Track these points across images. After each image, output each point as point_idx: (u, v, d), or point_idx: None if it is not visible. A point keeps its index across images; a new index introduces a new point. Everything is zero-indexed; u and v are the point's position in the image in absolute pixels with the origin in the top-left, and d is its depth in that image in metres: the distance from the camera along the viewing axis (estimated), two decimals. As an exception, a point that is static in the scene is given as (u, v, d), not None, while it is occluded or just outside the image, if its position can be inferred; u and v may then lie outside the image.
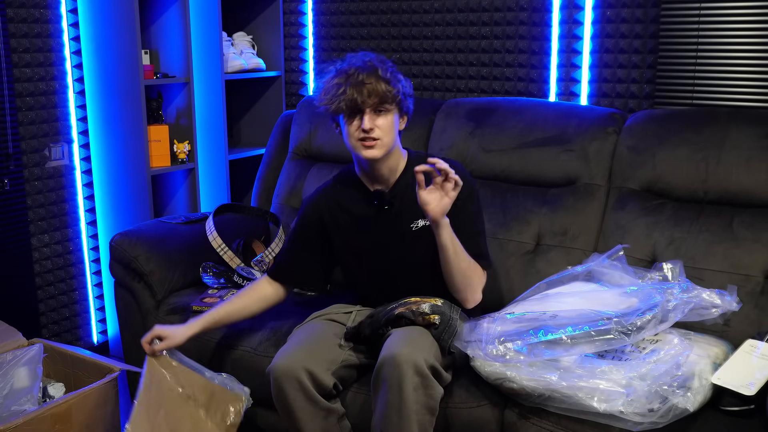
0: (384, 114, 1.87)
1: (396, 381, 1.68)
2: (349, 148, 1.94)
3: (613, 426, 1.60)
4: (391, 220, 1.98)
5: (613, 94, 2.59)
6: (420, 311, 1.83)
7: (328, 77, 1.91)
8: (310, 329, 1.99)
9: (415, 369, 1.68)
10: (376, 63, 1.89)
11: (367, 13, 3.04)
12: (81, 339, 3.13)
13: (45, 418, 1.89)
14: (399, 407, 1.68)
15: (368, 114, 1.86)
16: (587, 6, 2.58)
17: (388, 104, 1.87)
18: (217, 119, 3.07)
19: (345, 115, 1.89)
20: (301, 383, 1.78)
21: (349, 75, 1.86)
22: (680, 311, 1.70)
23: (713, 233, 2.06)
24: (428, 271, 1.95)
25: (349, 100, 1.84)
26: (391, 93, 1.86)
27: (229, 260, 2.46)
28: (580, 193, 2.30)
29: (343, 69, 1.89)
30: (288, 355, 1.84)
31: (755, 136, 2.09)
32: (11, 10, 2.71)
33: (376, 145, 1.88)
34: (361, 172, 2.02)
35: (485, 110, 2.52)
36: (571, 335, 1.66)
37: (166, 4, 2.86)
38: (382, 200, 1.97)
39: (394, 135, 1.92)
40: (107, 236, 2.97)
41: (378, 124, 1.86)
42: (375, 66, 1.88)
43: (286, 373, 1.79)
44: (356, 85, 1.84)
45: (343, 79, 1.86)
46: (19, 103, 2.77)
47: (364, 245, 2.03)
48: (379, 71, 1.87)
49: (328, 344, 1.91)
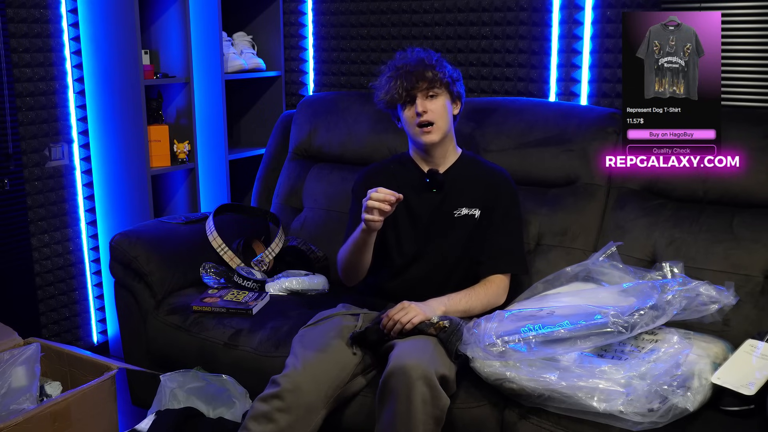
0: (435, 98, 2.05)
1: (405, 393, 1.67)
2: (409, 137, 2.14)
3: (613, 426, 1.60)
4: (437, 202, 2.10)
5: (613, 94, 2.59)
6: (430, 321, 1.83)
7: (382, 76, 2.13)
8: (323, 342, 1.90)
9: (425, 380, 1.67)
10: (421, 54, 2.10)
11: (367, 13, 3.04)
12: (81, 339, 3.13)
13: (44, 416, 1.89)
14: (407, 419, 1.67)
15: (420, 98, 2.04)
16: (587, 6, 2.58)
17: (436, 88, 2.05)
18: (217, 119, 3.07)
19: (401, 105, 2.08)
20: (312, 407, 1.78)
21: (398, 68, 2.07)
22: (677, 305, 1.70)
23: (713, 233, 2.06)
24: (456, 260, 2.09)
25: (402, 89, 2.04)
26: (437, 77, 2.05)
27: (229, 260, 2.46)
28: (580, 193, 2.30)
29: (393, 65, 2.11)
30: (303, 378, 1.78)
31: (755, 136, 2.09)
32: (11, 10, 2.71)
33: (432, 130, 2.06)
34: (415, 154, 2.19)
35: (485, 110, 2.52)
36: (568, 329, 1.66)
37: (166, 4, 2.86)
38: (433, 179, 2.11)
39: (447, 118, 2.09)
40: (107, 236, 2.97)
41: (430, 107, 2.04)
42: (420, 56, 2.09)
43: (302, 401, 1.76)
44: (405, 75, 2.04)
45: (393, 73, 2.08)
46: (19, 103, 2.77)
47: (405, 222, 2.10)
48: (424, 60, 2.07)
49: (341, 362, 1.86)
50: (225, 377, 2.10)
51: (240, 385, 2.09)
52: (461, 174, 2.14)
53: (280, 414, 1.73)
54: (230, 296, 2.31)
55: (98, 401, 2.04)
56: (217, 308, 2.25)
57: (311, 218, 2.71)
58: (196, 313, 2.26)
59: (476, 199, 2.10)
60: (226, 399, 2.10)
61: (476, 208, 2.09)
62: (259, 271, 2.49)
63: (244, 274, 2.42)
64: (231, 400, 2.09)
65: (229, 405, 2.10)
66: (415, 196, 2.11)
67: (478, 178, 2.14)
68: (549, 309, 1.76)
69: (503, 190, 2.14)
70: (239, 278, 2.42)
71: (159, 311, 2.34)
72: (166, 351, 2.31)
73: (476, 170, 2.16)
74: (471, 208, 2.09)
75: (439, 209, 2.10)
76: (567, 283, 1.98)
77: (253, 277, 2.43)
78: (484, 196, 2.11)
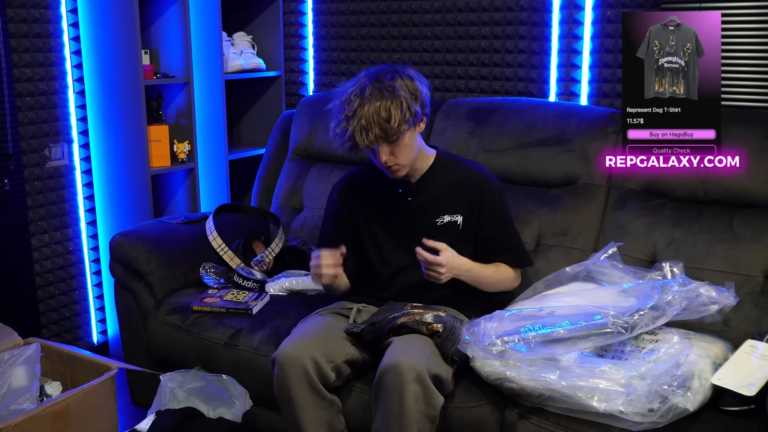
0: (396, 142, 1.88)
1: (397, 390, 1.68)
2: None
3: (613, 426, 1.60)
4: (416, 211, 2.03)
5: (613, 94, 2.59)
6: (423, 321, 1.83)
7: (334, 122, 1.93)
8: (317, 321, 1.99)
9: (417, 378, 1.68)
10: (374, 91, 1.85)
11: (367, 13, 3.04)
12: (81, 339, 3.13)
13: (45, 416, 1.89)
14: (399, 416, 1.68)
15: (382, 148, 1.89)
16: (587, 6, 2.57)
17: (396, 134, 1.86)
18: (217, 119, 3.07)
19: (361, 151, 1.93)
20: (306, 372, 1.78)
21: (350, 118, 1.86)
22: (677, 305, 1.70)
23: (713, 233, 2.06)
24: None
25: (359, 144, 1.88)
26: (396, 123, 1.84)
27: (229, 260, 2.46)
28: (580, 193, 2.30)
29: (344, 113, 1.88)
30: (295, 344, 1.83)
31: (755, 136, 2.09)
32: (11, 10, 2.71)
33: (400, 169, 1.94)
34: None
35: (485, 110, 2.52)
36: (568, 329, 1.66)
37: (166, 4, 2.86)
38: (406, 189, 2.03)
39: (413, 150, 1.95)
40: (107, 236, 2.97)
41: (394, 152, 1.90)
42: (373, 95, 1.85)
43: (293, 360, 1.78)
44: (360, 130, 1.85)
45: (345, 124, 1.88)
46: (19, 103, 2.77)
47: (386, 235, 2.06)
48: (379, 105, 1.83)
49: (334, 337, 1.91)
50: (225, 377, 2.10)
51: (240, 385, 2.09)
52: (438, 178, 2.03)
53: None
54: (230, 296, 2.31)
55: (98, 401, 2.04)
56: (217, 308, 2.25)
57: (311, 218, 2.71)
58: (196, 313, 2.26)
59: (458, 204, 2.02)
60: (226, 399, 2.10)
61: (458, 214, 2.01)
62: (259, 271, 2.49)
63: (244, 274, 2.42)
64: (231, 400, 2.09)
65: (229, 405, 2.10)
66: (393, 209, 2.05)
67: (457, 181, 2.04)
68: (549, 309, 1.76)
69: (486, 189, 2.04)
70: (239, 278, 2.42)
71: (159, 311, 2.34)
72: (166, 351, 2.31)
73: (454, 172, 2.05)
74: (453, 214, 2.01)
75: (421, 219, 2.03)
76: (567, 283, 1.98)
77: (253, 277, 2.42)
78: (467, 200, 2.02)
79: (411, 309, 1.89)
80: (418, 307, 1.91)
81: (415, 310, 1.88)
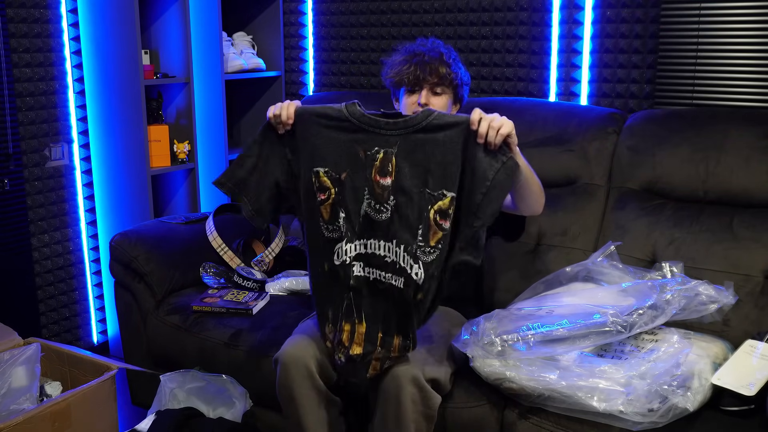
0: (439, 96, 2.06)
1: (394, 393, 1.69)
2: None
3: (613, 426, 1.60)
4: None
5: (613, 94, 2.59)
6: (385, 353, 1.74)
7: (397, 55, 2.12)
8: None
9: (414, 383, 1.69)
10: (442, 48, 2.10)
11: (367, 13, 3.04)
12: (81, 339, 3.13)
13: (45, 416, 1.89)
14: (396, 418, 1.69)
15: (426, 90, 2.05)
16: (587, 6, 2.58)
17: (445, 86, 2.06)
18: (217, 119, 3.07)
19: (406, 89, 2.08)
20: (309, 371, 1.77)
21: (416, 54, 2.07)
22: (676, 304, 1.70)
23: (713, 233, 2.05)
24: None
25: (412, 75, 2.04)
26: (449, 76, 2.05)
27: (229, 260, 2.46)
28: (580, 193, 2.30)
29: (411, 49, 2.10)
30: (298, 344, 1.83)
31: (755, 136, 2.09)
32: (11, 10, 2.71)
33: None
34: None
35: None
36: (567, 328, 1.66)
37: (166, 4, 2.86)
38: None
39: None
40: (107, 236, 2.97)
41: (433, 102, 2.04)
42: (440, 51, 2.08)
43: (296, 360, 1.78)
44: (420, 63, 2.04)
45: (410, 57, 2.07)
46: (19, 103, 2.77)
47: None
48: (443, 56, 2.07)
49: None
50: (225, 377, 2.10)
51: (240, 385, 2.09)
52: None
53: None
54: (230, 296, 2.31)
55: (98, 401, 2.04)
56: (217, 308, 2.25)
57: (311, 218, 2.70)
58: (196, 313, 2.26)
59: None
60: (226, 399, 2.10)
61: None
62: (259, 271, 2.49)
63: (244, 274, 2.42)
64: (231, 400, 2.09)
65: (229, 405, 2.10)
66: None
67: None
68: (548, 308, 1.76)
69: None
70: (239, 278, 2.42)
71: (159, 311, 2.34)
72: (166, 351, 2.31)
73: None
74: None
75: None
76: (566, 283, 1.97)
77: (253, 277, 2.43)
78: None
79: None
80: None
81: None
